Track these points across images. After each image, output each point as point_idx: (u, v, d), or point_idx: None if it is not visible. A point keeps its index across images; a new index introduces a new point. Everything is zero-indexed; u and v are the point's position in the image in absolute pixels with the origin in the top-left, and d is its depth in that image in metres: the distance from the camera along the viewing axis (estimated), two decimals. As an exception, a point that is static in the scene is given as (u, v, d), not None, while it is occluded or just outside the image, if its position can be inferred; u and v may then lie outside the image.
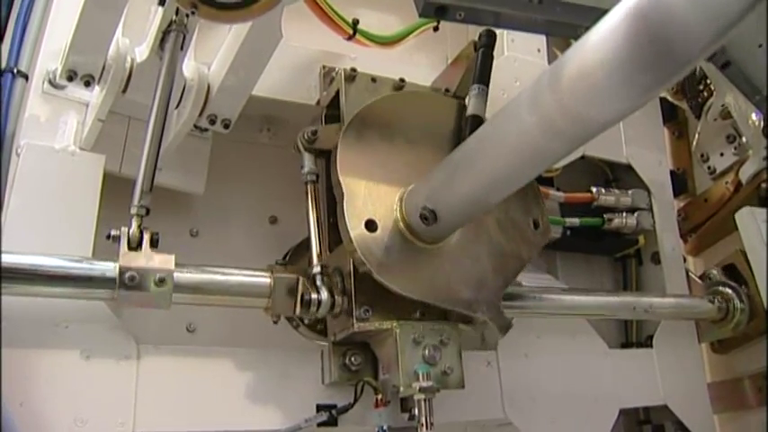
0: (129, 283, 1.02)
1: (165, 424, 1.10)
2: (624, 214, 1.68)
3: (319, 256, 1.16)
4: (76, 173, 1.18)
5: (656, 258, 1.78)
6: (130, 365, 1.10)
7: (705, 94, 1.85)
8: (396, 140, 1.18)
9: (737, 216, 1.62)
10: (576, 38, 0.81)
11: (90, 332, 1.09)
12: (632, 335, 1.77)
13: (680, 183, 1.89)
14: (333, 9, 1.45)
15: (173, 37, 1.10)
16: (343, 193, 1.08)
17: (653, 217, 1.75)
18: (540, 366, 1.44)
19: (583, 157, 1.75)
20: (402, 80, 1.31)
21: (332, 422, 1.19)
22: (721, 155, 1.84)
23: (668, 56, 0.64)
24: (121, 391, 1.08)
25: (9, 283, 0.99)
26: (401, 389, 1.07)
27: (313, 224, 1.19)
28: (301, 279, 1.13)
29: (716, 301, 1.64)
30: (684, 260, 1.83)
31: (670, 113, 1.97)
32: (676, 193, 1.87)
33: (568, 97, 0.76)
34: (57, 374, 1.05)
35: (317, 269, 1.15)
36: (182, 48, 1.13)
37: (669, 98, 1.97)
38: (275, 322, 1.17)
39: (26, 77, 1.24)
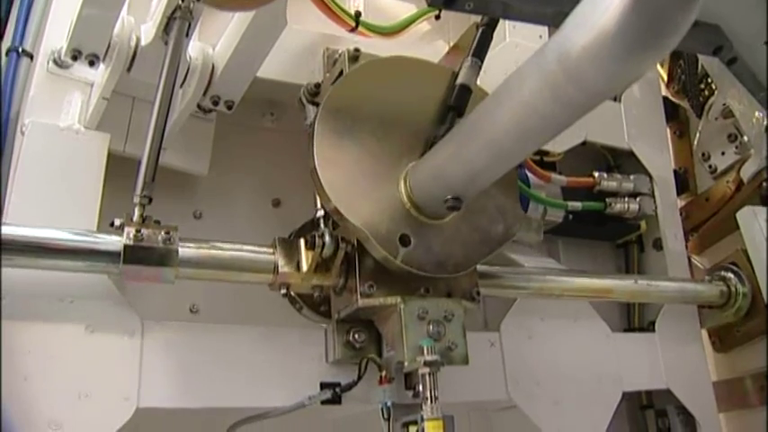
0: (134, 256, 1.02)
1: (169, 399, 1.10)
2: (626, 199, 1.68)
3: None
4: (81, 151, 1.18)
5: (657, 245, 1.78)
6: (134, 341, 1.10)
7: (706, 92, 1.85)
8: (377, 116, 1.15)
9: (739, 215, 1.61)
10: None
11: (94, 307, 1.09)
12: (635, 320, 1.77)
13: (681, 182, 1.88)
14: (335, 3, 1.47)
15: (178, 24, 1.10)
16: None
17: (655, 202, 1.75)
18: (544, 348, 1.44)
19: (584, 143, 1.76)
20: (405, 60, 1.31)
21: (336, 400, 1.19)
22: (722, 154, 1.84)
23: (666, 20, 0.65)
24: (125, 366, 1.08)
25: (15, 256, 0.99)
26: (406, 363, 1.07)
27: None
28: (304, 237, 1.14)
29: (718, 285, 1.64)
30: (687, 247, 1.83)
31: (671, 112, 1.97)
32: (678, 193, 1.86)
33: (574, 64, 0.76)
34: (61, 349, 1.05)
35: (320, 212, 1.15)
36: (187, 35, 1.13)
37: (670, 97, 1.97)
38: (284, 295, 1.17)
39: (31, 57, 1.24)
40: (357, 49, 1.29)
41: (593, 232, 1.76)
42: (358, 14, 1.48)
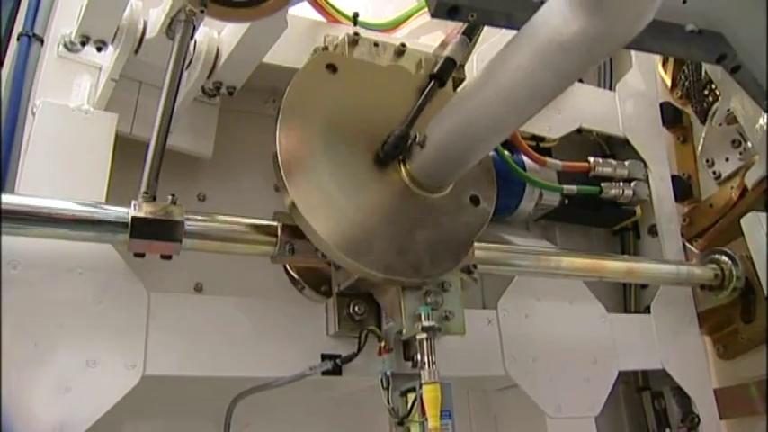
0: (141, 227, 1.06)
1: (175, 367, 1.13)
2: (621, 184, 1.72)
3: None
4: (90, 130, 1.22)
5: (653, 231, 1.82)
6: (141, 311, 1.14)
7: (710, 98, 1.86)
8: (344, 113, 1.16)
9: (743, 221, 1.61)
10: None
11: (103, 278, 1.13)
12: (631, 304, 1.80)
13: (685, 188, 1.90)
14: (333, 7, 1.52)
15: (182, 26, 1.13)
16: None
17: (649, 188, 1.79)
18: (540, 327, 1.47)
19: (580, 131, 1.80)
20: (403, 45, 1.36)
21: (336, 371, 1.22)
22: (726, 160, 1.84)
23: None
24: (132, 334, 1.12)
25: (27, 225, 1.03)
26: (404, 331, 1.10)
27: None
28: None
29: (712, 267, 1.67)
30: (683, 234, 1.86)
31: (675, 118, 1.98)
32: (681, 199, 1.88)
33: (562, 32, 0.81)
34: (70, 317, 1.09)
35: None
36: (191, 37, 1.17)
37: (674, 103, 1.98)
38: (287, 274, 1.20)
39: (41, 41, 1.29)
40: (357, 33, 1.33)
41: (589, 218, 1.79)
42: (356, 15, 1.54)
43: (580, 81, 1.94)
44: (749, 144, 1.75)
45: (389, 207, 1.11)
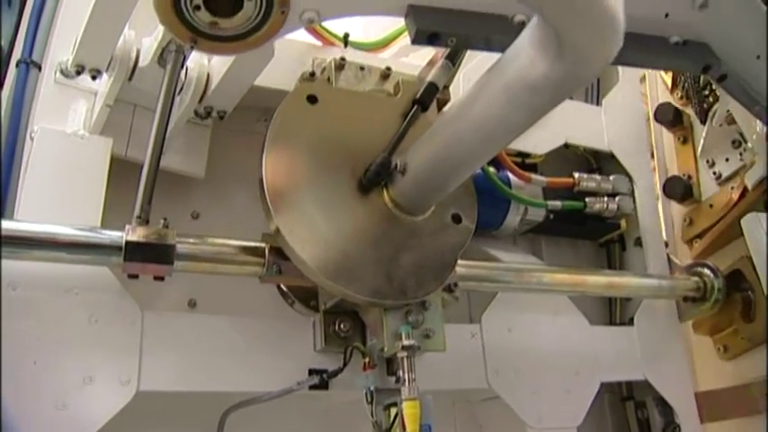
0: (134, 251, 1.11)
1: (168, 383, 1.18)
2: (605, 199, 1.76)
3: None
4: (86, 154, 1.27)
5: (639, 243, 1.86)
6: (135, 329, 1.19)
7: (710, 99, 1.86)
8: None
9: (743, 221, 1.60)
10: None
11: (98, 299, 1.18)
12: (616, 316, 1.84)
13: (685, 188, 1.90)
14: (325, 29, 1.57)
15: (173, 56, 1.18)
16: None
17: (634, 202, 1.82)
18: (523, 340, 1.52)
19: (567, 146, 1.84)
20: (389, 68, 1.40)
21: (323, 385, 1.27)
22: (727, 160, 1.83)
23: None
24: (127, 352, 1.17)
25: (26, 249, 1.08)
26: (386, 349, 1.15)
27: None
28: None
29: (693, 280, 1.71)
30: (666, 245, 1.90)
31: (675, 119, 1.98)
32: (681, 199, 1.89)
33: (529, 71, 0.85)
34: (67, 336, 1.14)
35: None
36: (182, 65, 1.22)
37: (674, 103, 1.99)
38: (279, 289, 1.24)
39: (39, 67, 1.34)
40: (343, 58, 1.38)
41: (575, 231, 1.83)
42: (346, 36, 1.58)
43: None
44: (749, 144, 1.74)
45: (373, 231, 1.16)
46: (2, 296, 1.09)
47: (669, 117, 1.98)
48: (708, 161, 1.89)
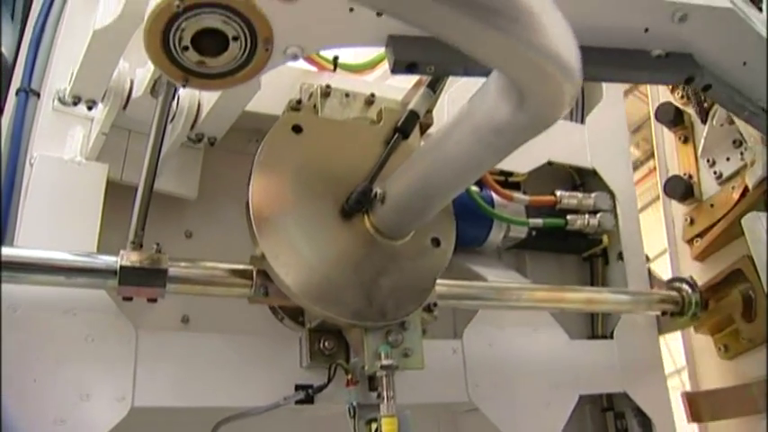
0: (128, 275, 1.17)
1: (161, 399, 1.25)
2: (586, 216, 1.81)
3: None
4: (82, 180, 1.34)
5: (621, 257, 1.91)
6: (130, 348, 1.25)
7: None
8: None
9: (744, 221, 1.60)
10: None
11: (94, 319, 1.25)
12: (598, 329, 1.90)
13: (686, 188, 1.90)
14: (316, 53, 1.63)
15: (165, 87, 1.23)
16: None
17: (616, 218, 1.88)
18: (504, 355, 1.58)
19: (550, 164, 1.89)
20: (373, 95, 1.46)
21: (309, 400, 1.33)
22: (728, 159, 1.83)
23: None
24: (122, 370, 1.24)
25: (26, 274, 1.15)
26: (366, 367, 1.22)
27: None
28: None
29: (671, 294, 1.77)
30: (648, 260, 1.95)
31: (676, 118, 2.00)
32: (682, 199, 1.91)
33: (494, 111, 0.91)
34: (65, 355, 1.21)
35: None
36: (173, 97, 1.28)
37: (675, 103, 2.00)
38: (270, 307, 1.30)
39: (38, 95, 1.40)
40: (328, 86, 1.44)
41: (558, 246, 1.89)
42: (336, 59, 1.64)
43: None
44: (750, 144, 1.75)
45: (355, 255, 1.22)
46: (4, 317, 1.16)
47: (670, 117, 2.00)
48: (708, 161, 1.89)
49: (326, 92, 1.42)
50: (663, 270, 2.01)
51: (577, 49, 0.79)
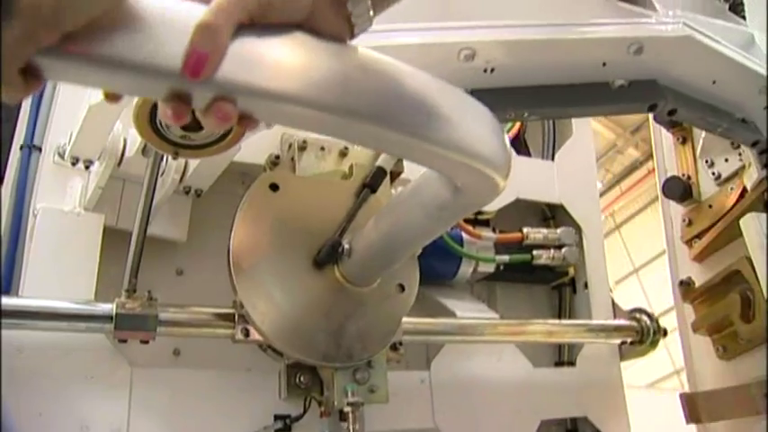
0: (123, 321, 1.31)
1: (153, 430, 1.39)
2: (552, 250, 1.94)
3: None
4: (81, 231, 1.47)
5: (587, 286, 2.04)
6: (125, 384, 1.40)
7: None
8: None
9: (742, 221, 1.59)
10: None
11: (92, 359, 1.39)
12: (564, 355, 2.03)
13: (684, 189, 1.91)
14: None
15: (154, 151, 1.33)
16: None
17: (582, 250, 2.01)
18: (469, 383, 1.72)
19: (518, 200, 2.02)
20: (346, 147, 1.59)
21: (287, 429, 1.47)
22: (726, 160, 1.82)
23: None
24: (118, 404, 1.38)
25: (30, 321, 1.29)
26: (335, 403, 1.35)
27: None
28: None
29: (631, 324, 1.90)
30: (611, 290, 2.08)
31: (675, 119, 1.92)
32: (681, 200, 1.93)
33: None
34: (66, 391, 1.35)
35: None
36: (162, 158, 1.40)
37: None
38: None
39: (39, 150, 1.54)
40: (305, 141, 1.57)
41: (527, 278, 2.01)
42: None
43: (527, 153, 2.16)
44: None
45: (326, 303, 1.35)
46: (10, 359, 1.30)
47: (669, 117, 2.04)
48: (707, 161, 1.88)
49: (303, 146, 1.56)
50: (663, 270, 2.08)
51: (504, 143, 0.92)
